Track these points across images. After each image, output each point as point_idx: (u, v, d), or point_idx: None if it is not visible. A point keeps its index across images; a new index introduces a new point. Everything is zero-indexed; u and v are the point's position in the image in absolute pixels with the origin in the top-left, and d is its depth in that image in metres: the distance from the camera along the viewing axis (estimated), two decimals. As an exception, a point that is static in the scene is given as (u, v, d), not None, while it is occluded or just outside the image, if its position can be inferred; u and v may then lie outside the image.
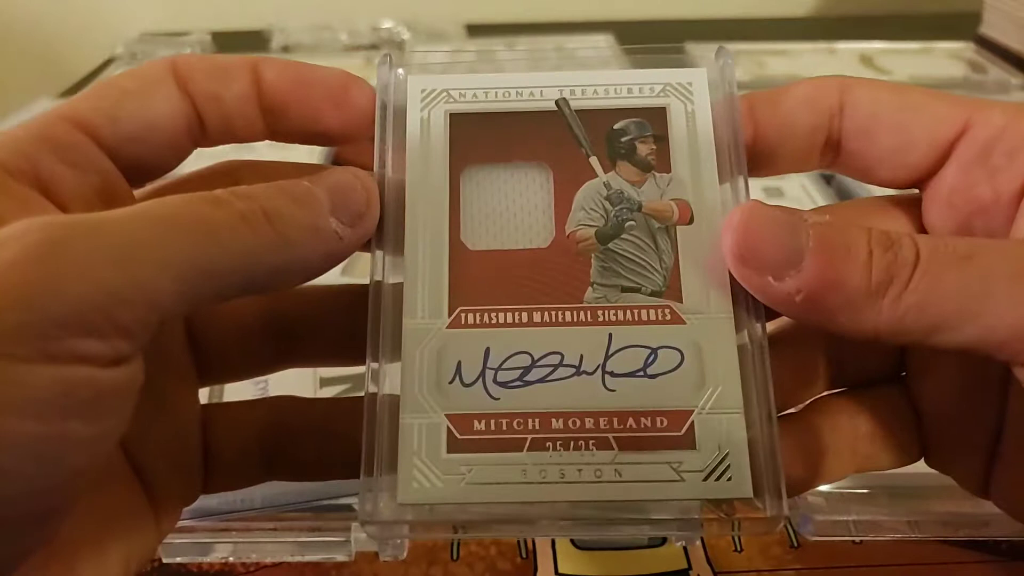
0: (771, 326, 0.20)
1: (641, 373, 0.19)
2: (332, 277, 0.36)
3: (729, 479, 0.18)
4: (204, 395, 0.22)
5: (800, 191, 0.48)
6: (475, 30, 0.78)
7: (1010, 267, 0.17)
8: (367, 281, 0.19)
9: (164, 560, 0.28)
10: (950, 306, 0.17)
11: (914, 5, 0.92)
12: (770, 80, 0.64)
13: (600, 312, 0.19)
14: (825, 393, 0.22)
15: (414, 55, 0.22)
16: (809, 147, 0.21)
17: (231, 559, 0.28)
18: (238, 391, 0.29)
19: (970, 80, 0.67)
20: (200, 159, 0.21)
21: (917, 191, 0.21)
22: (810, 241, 0.18)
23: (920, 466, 0.30)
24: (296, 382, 0.31)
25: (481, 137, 0.20)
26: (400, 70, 0.21)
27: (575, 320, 0.19)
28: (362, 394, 0.20)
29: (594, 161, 0.20)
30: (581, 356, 0.19)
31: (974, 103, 0.20)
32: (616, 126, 0.20)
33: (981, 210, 0.20)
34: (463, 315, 0.19)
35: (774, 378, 0.19)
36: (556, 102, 0.20)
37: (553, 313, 0.19)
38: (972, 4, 0.82)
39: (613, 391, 0.18)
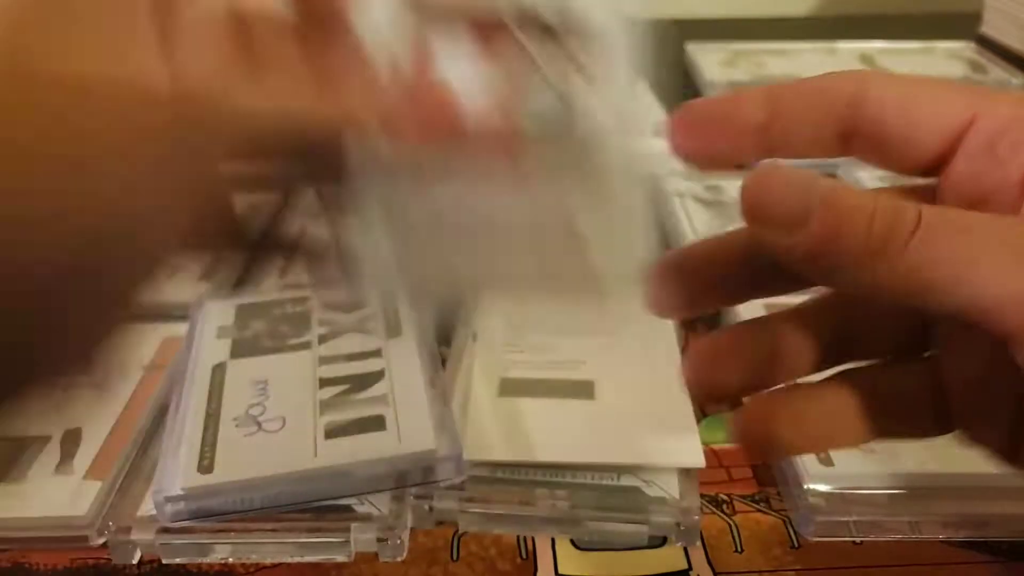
0: (799, 298, 0.22)
1: None
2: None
3: None
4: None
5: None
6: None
7: (1000, 238, 0.18)
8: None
9: (164, 561, 0.28)
10: (942, 271, 0.18)
11: (915, 5, 0.92)
12: (770, 79, 0.63)
13: None
14: (848, 365, 0.23)
15: None
16: (824, 136, 0.22)
17: (231, 560, 0.29)
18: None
19: (970, 80, 0.67)
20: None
21: (935, 179, 0.22)
22: (818, 201, 0.19)
23: (920, 466, 0.29)
24: (297, 382, 0.31)
25: None
26: None
27: None
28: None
29: None
30: None
31: (982, 94, 0.21)
32: None
33: (988, 198, 0.21)
34: None
35: (801, 347, 0.22)
36: None
37: None
38: (972, 4, 0.82)
39: None
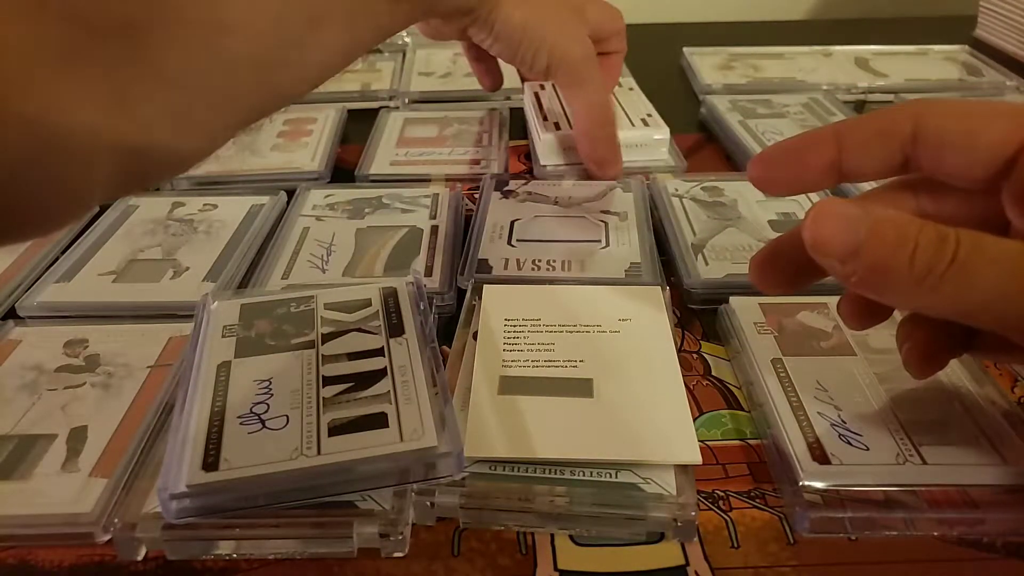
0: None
1: None
2: (333, 276, 0.36)
3: None
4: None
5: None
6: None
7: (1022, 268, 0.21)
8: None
9: (169, 557, 0.29)
10: (975, 298, 0.21)
11: (909, 8, 0.93)
12: (766, 83, 0.64)
13: None
14: None
15: None
16: (889, 165, 0.25)
17: (235, 556, 0.29)
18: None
19: (966, 82, 0.67)
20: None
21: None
22: (866, 236, 0.22)
23: (914, 464, 0.30)
24: (300, 380, 0.32)
25: None
26: None
27: None
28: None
29: None
30: None
31: None
32: None
33: None
34: None
35: None
36: None
37: None
38: (967, 7, 0.82)
39: None
